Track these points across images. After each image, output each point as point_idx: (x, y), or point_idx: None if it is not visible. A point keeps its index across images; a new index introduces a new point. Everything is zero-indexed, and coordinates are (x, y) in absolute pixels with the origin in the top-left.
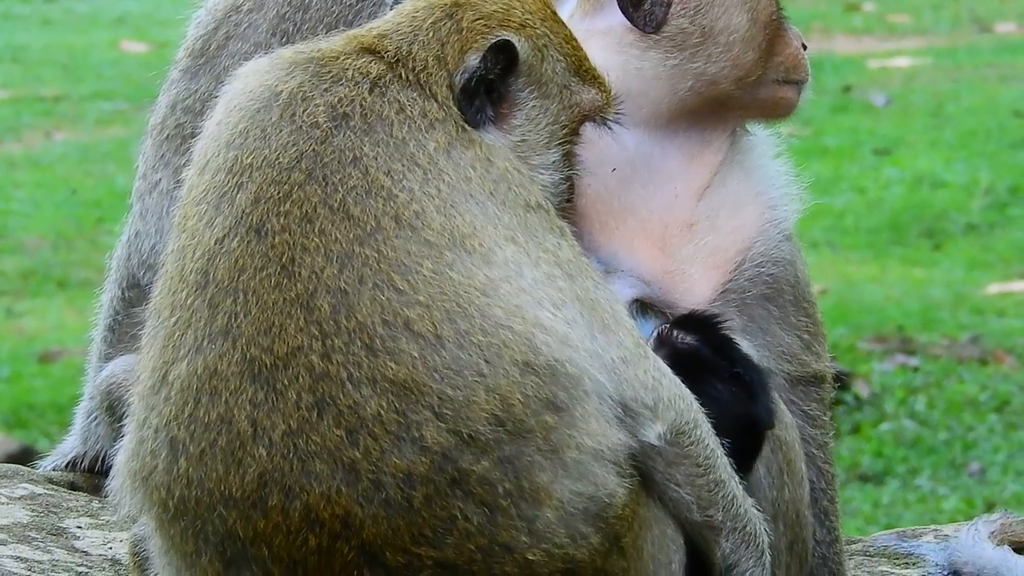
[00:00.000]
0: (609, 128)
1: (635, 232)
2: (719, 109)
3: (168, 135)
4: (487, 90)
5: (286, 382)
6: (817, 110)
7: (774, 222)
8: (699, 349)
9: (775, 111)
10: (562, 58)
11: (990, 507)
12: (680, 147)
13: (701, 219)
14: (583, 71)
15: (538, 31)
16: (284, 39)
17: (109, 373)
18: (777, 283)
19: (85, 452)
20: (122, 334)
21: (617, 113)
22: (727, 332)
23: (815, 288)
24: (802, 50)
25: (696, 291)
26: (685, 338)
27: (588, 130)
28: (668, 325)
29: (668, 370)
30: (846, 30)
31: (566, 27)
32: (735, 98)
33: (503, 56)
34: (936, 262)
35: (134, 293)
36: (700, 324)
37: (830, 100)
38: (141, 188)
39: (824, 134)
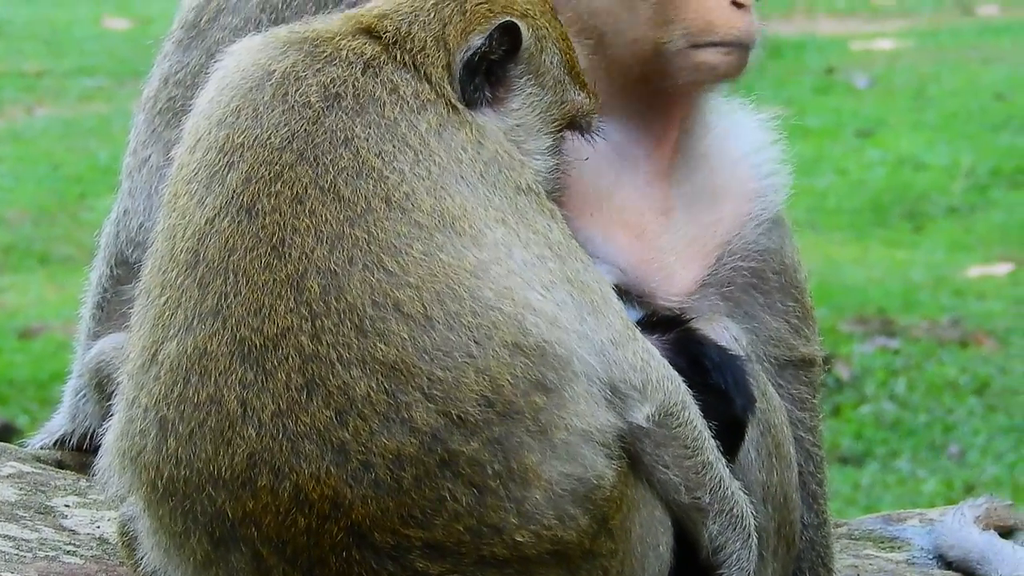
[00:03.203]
0: (591, 137)
1: (612, 219)
2: (663, 86)
3: (160, 109)
4: (487, 71)
5: (276, 363)
6: (800, 91)
7: (756, 214)
8: (672, 361)
9: (704, 77)
10: (559, 53)
11: (969, 489)
12: (644, 130)
13: (677, 207)
14: (575, 73)
15: (539, 22)
16: (273, 14)
17: (98, 351)
18: (762, 272)
19: (73, 430)
20: (111, 312)
21: (599, 123)
22: (694, 331)
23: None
24: (725, 8)
25: (675, 280)
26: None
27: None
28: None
29: (656, 352)
30: (829, 11)
31: (562, 26)
32: (665, 71)
33: (507, 39)
34: (917, 244)
35: (122, 271)
36: (667, 326)
37: (813, 81)
38: (131, 164)
39: (807, 115)
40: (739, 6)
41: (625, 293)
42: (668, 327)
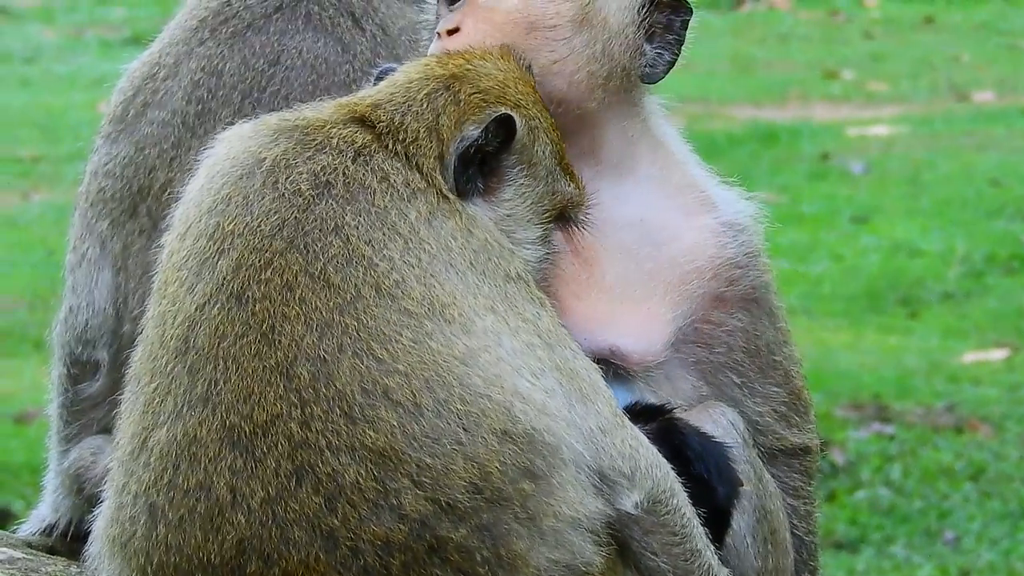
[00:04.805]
0: (580, 227)
1: (562, 286)
2: None
3: (92, 201)
4: (480, 162)
5: (265, 449)
6: (795, 177)
7: (721, 289)
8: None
9: None
10: (550, 144)
11: None
12: None
13: (601, 252)
14: (564, 164)
15: (531, 112)
16: (199, 105)
17: (76, 457)
18: (733, 351)
19: (57, 521)
20: (76, 413)
21: (588, 214)
22: (677, 420)
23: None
24: (435, 43)
25: (638, 330)
26: None
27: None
28: None
29: (644, 439)
30: (825, 97)
31: (551, 116)
32: None
33: (502, 130)
34: (912, 330)
35: (77, 370)
36: (650, 416)
37: (808, 167)
38: (72, 261)
39: (801, 201)
40: (445, 34)
41: (611, 371)
42: (651, 417)
